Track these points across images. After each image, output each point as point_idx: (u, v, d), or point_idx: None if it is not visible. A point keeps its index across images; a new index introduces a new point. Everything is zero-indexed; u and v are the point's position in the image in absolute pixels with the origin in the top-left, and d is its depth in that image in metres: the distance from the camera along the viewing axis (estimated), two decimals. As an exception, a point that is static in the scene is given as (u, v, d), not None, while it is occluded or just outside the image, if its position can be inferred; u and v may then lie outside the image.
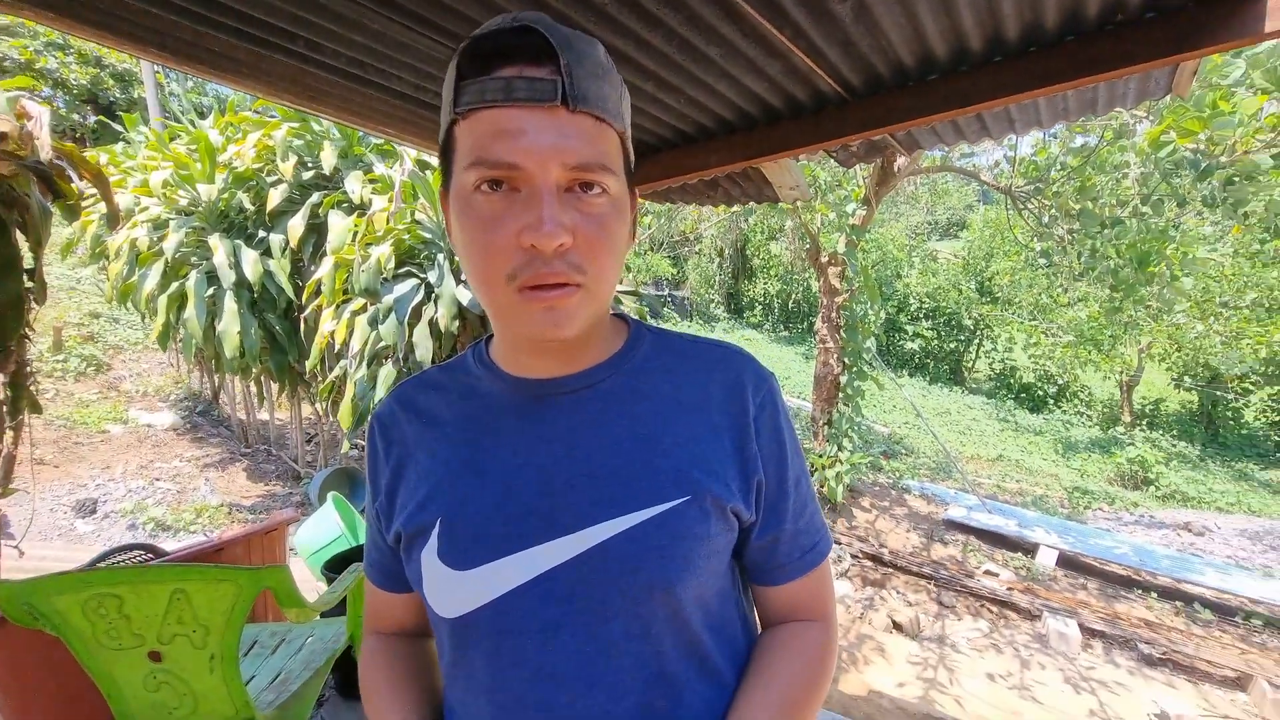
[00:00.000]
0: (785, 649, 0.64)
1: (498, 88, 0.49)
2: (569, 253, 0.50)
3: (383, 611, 0.72)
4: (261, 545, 2.00)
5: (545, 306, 0.51)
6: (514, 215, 0.50)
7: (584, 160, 0.50)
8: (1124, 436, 13.28)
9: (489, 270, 0.52)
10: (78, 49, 13.57)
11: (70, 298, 7.91)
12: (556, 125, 0.49)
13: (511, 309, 0.53)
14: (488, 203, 0.51)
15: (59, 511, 4.51)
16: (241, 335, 4.26)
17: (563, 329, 0.53)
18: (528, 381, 0.62)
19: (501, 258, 0.50)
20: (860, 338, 6.13)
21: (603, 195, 0.52)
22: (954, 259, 18.65)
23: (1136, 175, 4.62)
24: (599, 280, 0.53)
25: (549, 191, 0.49)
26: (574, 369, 0.62)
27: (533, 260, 0.50)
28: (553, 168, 0.49)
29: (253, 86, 1.73)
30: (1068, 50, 1.42)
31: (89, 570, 1.26)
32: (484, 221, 0.51)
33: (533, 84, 0.49)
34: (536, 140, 0.49)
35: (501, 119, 0.49)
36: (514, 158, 0.49)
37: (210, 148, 4.68)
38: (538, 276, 0.50)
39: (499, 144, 0.49)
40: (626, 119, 0.56)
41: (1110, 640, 4.75)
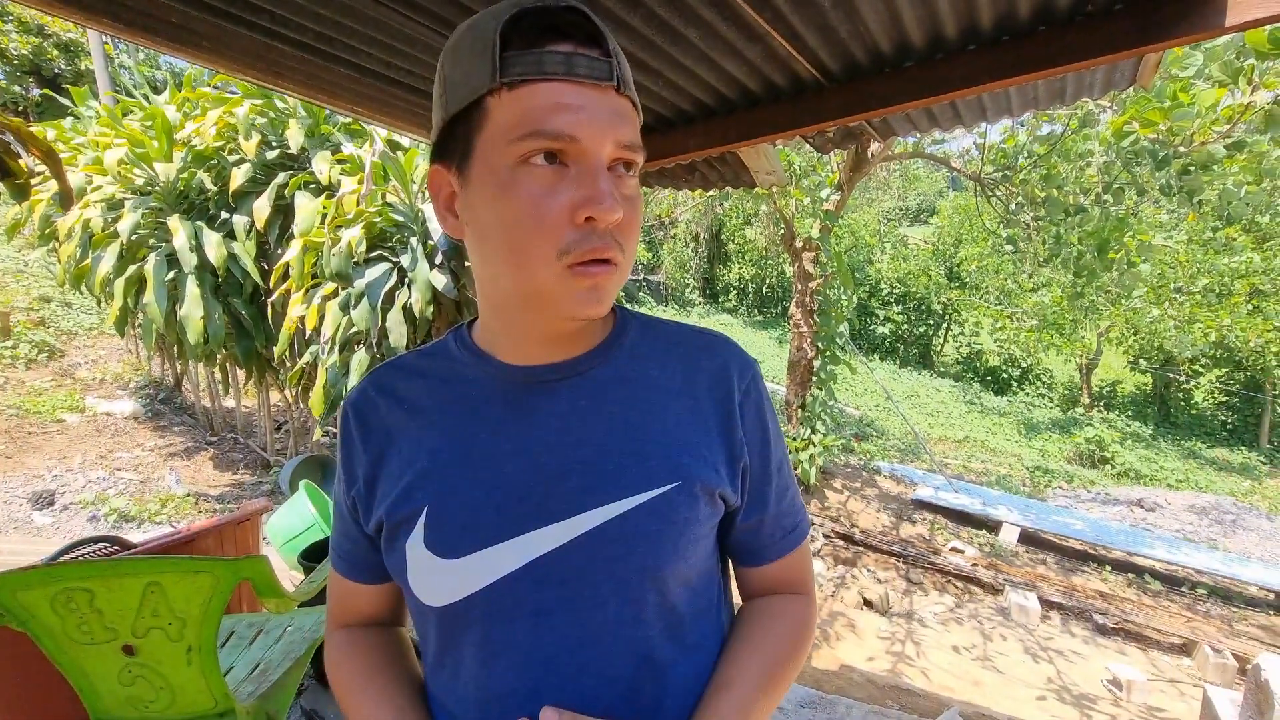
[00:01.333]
0: (769, 618, 0.66)
1: (558, 61, 0.49)
2: (617, 230, 0.52)
3: (351, 605, 0.70)
4: (234, 535, 1.96)
5: (591, 285, 0.52)
6: (567, 188, 0.49)
7: (631, 139, 0.52)
8: (1083, 417, 13.78)
9: (539, 245, 0.50)
10: (17, 16, 12.83)
11: (18, 281, 7.56)
12: (611, 105, 0.51)
13: (560, 285, 0.52)
14: (541, 175, 0.50)
15: (14, 504, 4.35)
16: (205, 320, 4.12)
17: (600, 307, 0.54)
18: (517, 368, 0.61)
19: (554, 232, 0.50)
20: (833, 322, 6.21)
21: (635, 177, 0.54)
22: (924, 245, 18.96)
23: (1099, 164, 4.74)
24: (629, 260, 0.55)
25: (601, 168, 0.50)
26: (564, 356, 0.61)
27: (588, 235, 0.50)
28: (609, 145, 0.50)
29: (213, 61, 1.66)
30: (1040, 40, 1.44)
31: (57, 564, 1.22)
32: (535, 195, 0.50)
33: (593, 63, 0.50)
34: (597, 116, 0.50)
35: (562, 92, 0.49)
36: (574, 130, 0.49)
37: (167, 125, 4.49)
38: (593, 250, 0.50)
39: (559, 116, 0.49)
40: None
41: (1067, 612, 4.96)
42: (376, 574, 0.65)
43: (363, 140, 4.40)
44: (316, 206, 3.83)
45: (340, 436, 0.67)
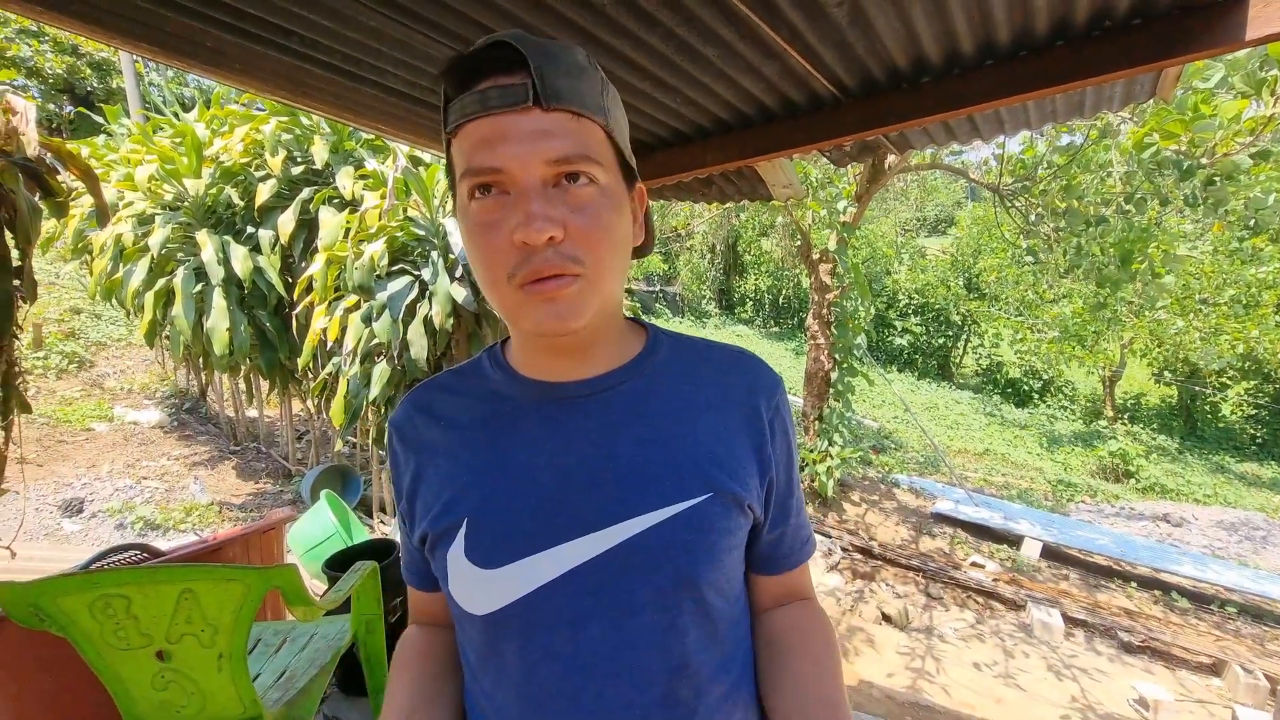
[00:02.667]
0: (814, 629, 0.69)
1: (474, 101, 0.52)
2: (563, 245, 0.52)
3: (422, 608, 0.75)
4: (260, 544, 2.00)
5: (546, 299, 0.53)
6: (506, 216, 0.52)
7: (564, 153, 0.52)
8: (1106, 430, 13.52)
9: (491, 272, 0.54)
10: (53, 37, 13.24)
11: (50, 293, 7.78)
12: (534, 125, 0.51)
13: (517, 307, 0.55)
14: (481, 209, 0.53)
15: (45, 511, 4.46)
16: (231, 332, 4.22)
17: (566, 320, 0.54)
18: (547, 384, 0.63)
19: (500, 258, 0.53)
20: (850, 334, 6.18)
21: (590, 185, 0.54)
22: (942, 256, 18.82)
23: (1120, 174, 4.69)
24: (598, 270, 0.54)
25: (533, 188, 0.51)
26: (593, 372, 0.63)
27: (528, 256, 0.52)
28: (534, 165, 0.51)
29: (245, 82, 1.72)
30: (1058, 55, 1.45)
31: (95, 570, 1.26)
32: (480, 227, 0.53)
33: (505, 90, 0.51)
34: (515, 142, 0.51)
35: (481, 129, 0.52)
36: (495, 162, 0.51)
37: (197, 142, 4.62)
38: (534, 271, 0.52)
39: (481, 152, 0.52)
40: (613, 115, 0.57)
41: (1091, 629, 4.85)
42: (435, 582, 0.68)
43: (385, 156, 4.49)
44: (340, 221, 3.92)
45: (388, 456, 0.71)
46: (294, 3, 1.32)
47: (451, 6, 1.33)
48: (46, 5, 1.31)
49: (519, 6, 1.32)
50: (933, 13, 1.33)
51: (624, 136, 0.60)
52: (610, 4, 1.32)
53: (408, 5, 1.33)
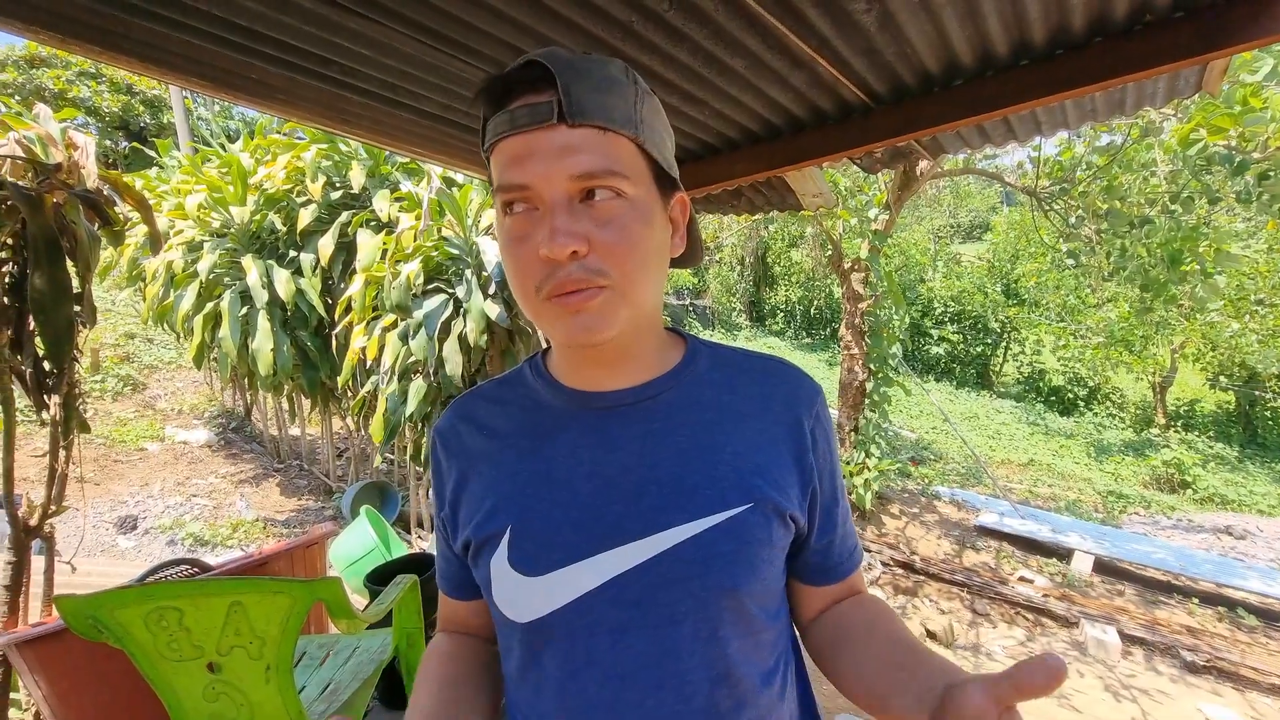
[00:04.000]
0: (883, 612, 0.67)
1: (504, 120, 0.54)
2: (588, 258, 0.53)
3: (453, 616, 0.76)
4: (304, 558, 2.05)
5: (572, 311, 0.54)
6: (535, 231, 0.54)
7: (587, 169, 0.53)
8: (1158, 439, 12.96)
9: (522, 286, 0.56)
10: (110, 77, 14.03)
11: (106, 319, 8.14)
12: (559, 141, 0.53)
13: (546, 318, 0.56)
14: (513, 224, 0.55)
15: (101, 528, 4.64)
16: (274, 353, 4.35)
17: (594, 332, 0.55)
18: (588, 394, 0.64)
19: (529, 272, 0.55)
20: (885, 343, 6.08)
21: (616, 199, 0.54)
22: (978, 262, 18.41)
23: (1165, 173, 4.54)
24: (626, 282, 0.55)
25: (559, 204, 0.53)
26: (633, 381, 0.64)
27: (553, 270, 0.53)
28: (558, 181, 0.53)
29: (287, 111, 1.79)
30: (1095, 52, 1.41)
31: (149, 583, 1.30)
32: (512, 241, 0.56)
33: (533, 109, 0.53)
34: (541, 159, 0.53)
35: (511, 146, 0.54)
36: (523, 178, 0.53)
37: (242, 171, 4.81)
38: (558, 285, 0.53)
39: (510, 169, 0.54)
40: (648, 126, 0.58)
41: (1151, 647, 4.62)
42: (470, 591, 0.69)
43: (420, 178, 4.60)
44: (377, 243, 4.02)
45: (431, 463, 0.72)
46: (333, 33, 1.37)
47: (483, 30, 1.36)
48: (105, 46, 1.39)
49: (548, 27, 1.35)
50: (964, 15, 1.31)
51: (661, 147, 0.60)
52: (638, 20, 1.33)
53: (441, 31, 1.37)
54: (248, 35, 1.37)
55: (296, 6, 1.25)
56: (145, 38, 1.37)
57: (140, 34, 1.35)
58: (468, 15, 1.30)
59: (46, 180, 1.98)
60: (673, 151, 0.63)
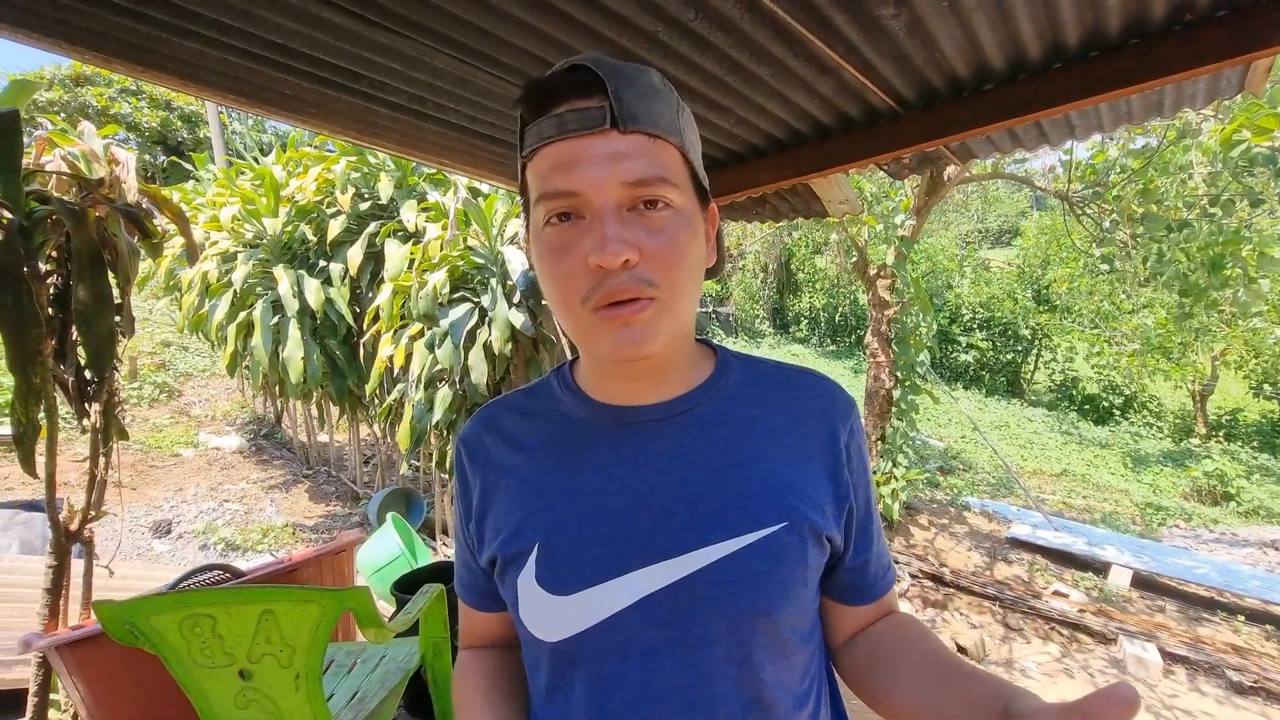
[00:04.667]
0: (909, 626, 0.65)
1: (551, 125, 0.52)
2: (638, 268, 0.52)
3: (476, 628, 0.74)
4: (332, 565, 2.07)
5: (621, 324, 0.52)
6: (580, 240, 0.52)
7: (641, 176, 0.51)
8: (1199, 449, 12.52)
9: (566, 296, 0.54)
10: (149, 94, 14.54)
11: (144, 328, 8.39)
12: (610, 148, 0.51)
13: (591, 331, 0.54)
14: (557, 234, 0.53)
15: (137, 532, 4.76)
16: (304, 361, 4.43)
17: (641, 346, 0.53)
18: (618, 409, 0.63)
19: (575, 283, 0.52)
20: (912, 351, 5.98)
21: (667, 209, 0.53)
22: (1008, 267, 18.05)
23: (1204, 175, 4.41)
24: (673, 293, 0.54)
25: (610, 212, 0.51)
26: (663, 396, 0.62)
27: (603, 280, 0.51)
28: (611, 188, 0.51)
29: (319, 125, 1.83)
30: (1132, 54, 1.38)
31: (184, 590, 1.33)
32: (555, 251, 0.53)
33: (583, 114, 0.51)
34: (592, 165, 0.51)
35: (558, 152, 0.52)
36: (572, 185, 0.51)
37: (275, 183, 4.93)
38: (609, 294, 0.51)
39: (558, 176, 0.52)
40: (688, 136, 0.57)
41: (1194, 666, 4.44)
42: (495, 602, 0.67)
43: (446, 189, 4.67)
44: (404, 253, 4.08)
45: (455, 473, 0.71)
46: (363, 48, 1.39)
47: (509, 42, 1.38)
48: (147, 65, 1.44)
49: (574, 38, 1.36)
50: (996, 18, 1.29)
51: (698, 157, 0.59)
52: (663, 30, 1.34)
53: (468, 44, 1.39)
54: (282, 52, 1.40)
55: (329, 23, 1.28)
56: (185, 56, 1.41)
57: (180, 53, 1.39)
58: (494, 28, 1.31)
59: (90, 195, 2.05)
60: (702, 161, 0.62)
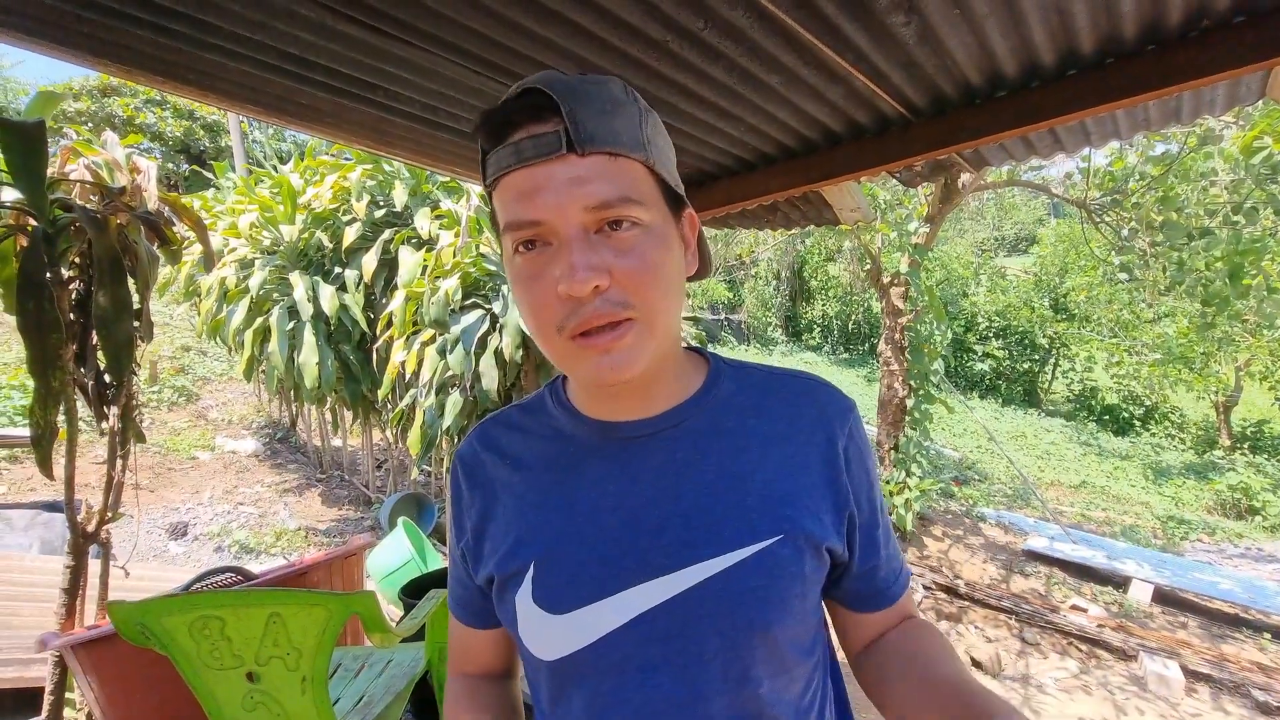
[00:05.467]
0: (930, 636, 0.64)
1: (509, 154, 0.51)
2: (610, 291, 0.51)
3: (469, 650, 0.72)
4: (342, 569, 2.08)
5: (600, 351, 0.52)
6: (550, 268, 0.51)
7: (603, 198, 0.50)
8: (1223, 461, 12.27)
9: (541, 325, 0.53)
10: (174, 105, 14.86)
11: (164, 333, 8.53)
12: (570, 172, 0.50)
13: (570, 358, 0.54)
14: (526, 263, 0.53)
15: (154, 534, 4.82)
16: (319, 366, 4.48)
17: (622, 371, 0.53)
18: (610, 425, 0.62)
19: (548, 311, 0.52)
20: (926, 359, 5.93)
21: (634, 228, 0.52)
22: (1024, 275, 17.86)
23: (1225, 183, 4.34)
24: (650, 312, 0.53)
25: (575, 238, 0.50)
26: (654, 410, 0.62)
27: (575, 308, 0.51)
28: (574, 214, 0.50)
29: (335, 134, 1.86)
30: (1149, 60, 1.36)
31: (194, 592, 1.34)
32: (526, 280, 0.53)
33: (538, 140, 0.50)
34: (553, 192, 0.50)
35: (518, 181, 0.51)
36: (534, 214, 0.50)
37: (292, 191, 5.00)
38: (583, 322, 0.51)
39: (520, 205, 0.51)
40: (655, 146, 0.55)
41: (1218, 684, 4.33)
42: (490, 620, 0.67)
43: (459, 197, 4.71)
44: (418, 259, 4.12)
45: (450, 489, 0.70)
46: (378, 59, 1.41)
47: (521, 52, 1.39)
48: (169, 76, 1.47)
49: (584, 48, 1.37)
50: (1008, 25, 1.28)
51: (668, 166, 0.57)
52: (673, 39, 1.34)
53: (481, 54, 1.40)
54: (299, 63, 1.43)
55: (344, 35, 1.30)
56: (205, 68, 1.44)
57: (201, 64, 1.42)
58: (506, 39, 1.33)
59: (111, 203, 2.09)
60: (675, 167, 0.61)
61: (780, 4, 1.20)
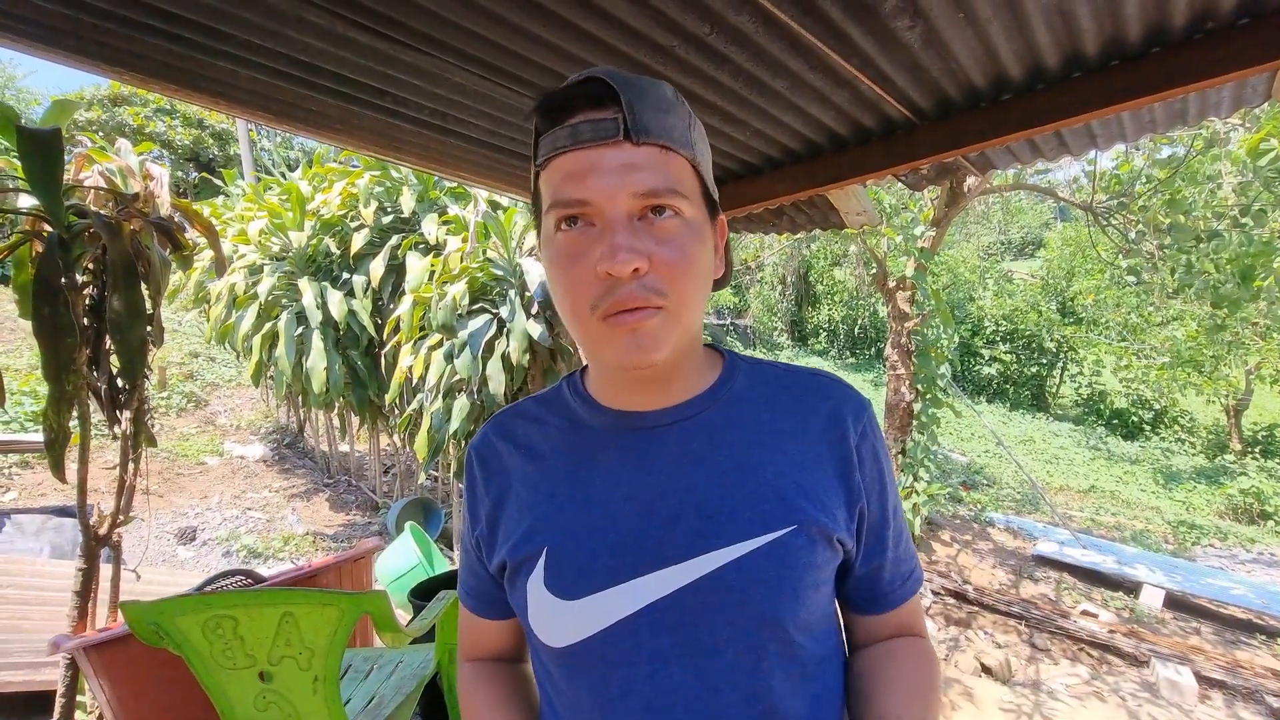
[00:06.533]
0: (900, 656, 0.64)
1: (565, 135, 0.53)
2: (647, 277, 0.52)
3: (480, 639, 0.73)
4: (351, 572, 2.10)
5: (629, 331, 0.53)
6: (591, 248, 0.53)
7: (651, 187, 0.52)
8: (1234, 466, 12.14)
9: (575, 303, 0.54)
10: (183, 113, 15.01)
11: (173, 339, 8.59)
12: (622, 158, 0.52)
13: (599, 338, 0.55)
14: (567, 241, 0.54)
15: (163, 538, 4.85)
16: (327, 371, 4.50)
17: (649, 353, 0.54)
18: (626, 415, 0.63)
19: (584, 289, 0.53)
20: (933, 363, 5.91)
21: (675, 218, 0.54)
22: (1031, 279, 17.78)
23: (1233, 185, 4.32)
24: (680, 303, 0.54)
25: (620, 221, 0.52)
26: (670, 401, 0.63)
27: (612, 288, 0.52)
28: (621, 198, 0.52)
29: (343, 140, 1.88)
30: (1153, 62, 1.36)
31: (207, 592, 1.36)
32: (565, 258, 0.54)
33: (596, 125, 0.52)
34: (605, 175, 0.52)
35: (571, 162, 0.53)
36: (583, 194, 0.52)
37: (301, 197, 5.04)
38: (617, 302, 0.52)
39: (570, 184, 0.53)
40: (700, 149, 0.58)
41: (1232, 691, 4.29)
42: (501, 609, 0.68)
43: (467, 202, 4.74)
44: (425, 265, 4.15)
45: (465, 480, 0.71)
46: (387, 65, 1.43)
47: (528, 58, 1.41)
48: (182, 84, 1.49)
49: (591, 53, 1.38)
50: (1012, 29, 1.29)
51: (709, 170, 0.60)
52: (680, 44, 1.35)
53: (489, 60, 1.42)
54: (308, 70, 1.45)
55: (354, 42, 1.32)
56: (217, 75, 1.46)
57: (213, 72, 1.44)
58: (514, 45, 1.34)
59: (125, 209, 2.12)
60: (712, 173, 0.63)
61: (785, 9, 1.21)
